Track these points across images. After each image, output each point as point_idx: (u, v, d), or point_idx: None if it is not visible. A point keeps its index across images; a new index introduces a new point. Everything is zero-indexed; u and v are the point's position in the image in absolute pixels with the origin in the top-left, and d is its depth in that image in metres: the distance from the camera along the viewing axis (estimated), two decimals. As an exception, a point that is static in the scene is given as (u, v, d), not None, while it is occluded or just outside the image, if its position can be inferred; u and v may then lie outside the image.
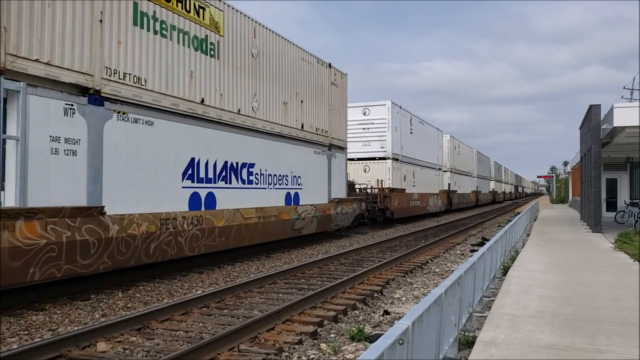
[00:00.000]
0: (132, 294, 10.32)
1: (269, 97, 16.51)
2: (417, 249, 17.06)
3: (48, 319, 8.37)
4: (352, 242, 20.61)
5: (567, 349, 5.49)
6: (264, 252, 16.68)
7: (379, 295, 10.46)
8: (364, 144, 30.15)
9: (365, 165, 30.10)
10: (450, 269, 13.79)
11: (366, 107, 30.39)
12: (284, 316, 8.19)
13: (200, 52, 13.22)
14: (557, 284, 9.27)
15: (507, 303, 7.69)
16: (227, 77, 14.36)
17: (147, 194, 11.32)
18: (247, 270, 13.38)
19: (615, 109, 16.32)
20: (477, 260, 7.33)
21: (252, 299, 9.78)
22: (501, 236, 11.12)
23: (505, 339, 5.84)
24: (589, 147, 21.08)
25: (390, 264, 13.87)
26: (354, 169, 29.78)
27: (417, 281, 12.15)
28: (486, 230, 27.01)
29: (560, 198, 75.47)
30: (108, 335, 7.18)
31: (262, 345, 7.00)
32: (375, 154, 29.98)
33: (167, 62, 12.06)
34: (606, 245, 15.54)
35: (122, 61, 10.78)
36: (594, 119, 19.89)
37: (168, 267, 12.75)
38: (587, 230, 21.20)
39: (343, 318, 8.63)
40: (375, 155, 29.99)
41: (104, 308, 9.19)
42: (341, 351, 6.82)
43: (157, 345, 6.99)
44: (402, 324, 3.55)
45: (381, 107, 30.10)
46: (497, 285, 9.98)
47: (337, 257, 15.20)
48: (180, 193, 12.37)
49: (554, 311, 7.21)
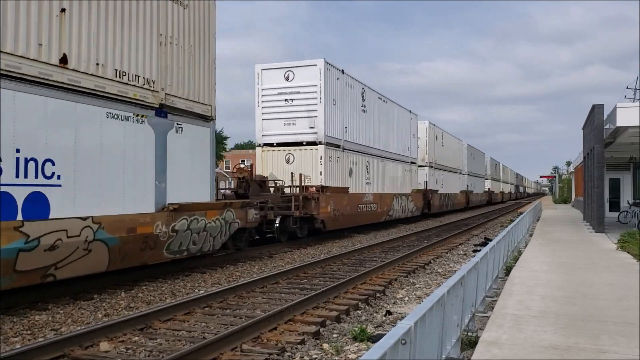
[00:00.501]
0: (135, 294, 10.33)
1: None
2: (420, 249, 17.05)
3: (51, 318, 8.38)
4: (354, 242, 20.60)
5: (570, 349, 5.48)
6: (266, 251, 16.67)
7: (381, 295, 10.45)
8: (287, 122, 21.02)
9: (289, 154, 21.13)
10: (453, 269, 13.77)
11: (289, 69, 21.20)
12: (287, 316, 8.19)
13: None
14: (560, 284, 9.25)
15: (510, 303, 7.68)
16: None
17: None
18: (249, 270, 13.39)
19: (618, 108, 16.28)
20: (480, 261, 7.32)
21: (255, 299, 9.78)
22: (504, 236, 11.10)
23: (508, 339, 5.83)
24: (592, 147, 21.04)
25: (393, 264, 13.86)
26: (273, 159, 21.39)
27: (419, 281, 12.14)
28: (489, 230, 26.97)
29: (563, 198, 75.29)
30: (111, 335, 7.18)
31: (264, 345, 7.00)
32: (302, 136, 20.91)
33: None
34: (609, 246, 15.50)
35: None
36: (597, 119, 19.84)
37: (171, 267, 12.76)
38: (590, 230, 21.15)
39: (345, 318, 8.62)
40: (302, 138, 20.93)
41: (107, 308, 9.20)
42: (343, 351, 6.82)
43: (160, 345, 7.00)
44: (405, 324, 3.55)
45: (310, 70, 20.91)
46: (500, 285, 9.96)
47: (339, 257, 15.19)
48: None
49: (557, 311, 7.19)
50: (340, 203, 21.33)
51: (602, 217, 20.30)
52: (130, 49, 10.99)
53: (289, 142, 21.11)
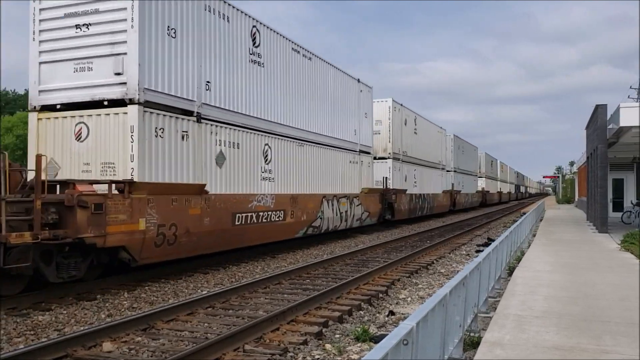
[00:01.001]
0: (138, 294, 10.35)
1: None
2: (423, 249, 17.04)
3: (54, 319, 8.40)
4: (357, 242, 20.58)
5: (573, 350, 5.47)
6: (269, 252, 16.67)
7: (384, 295, 10.45)
8: (79, 66, 12.11)
9: (80, 123, 11.98)
10: (456, 269, 13.76)
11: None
12: (289, 316, 8.20)
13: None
14: (563, 285, 9.23)
15: (512, 303, 7.67)
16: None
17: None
18: (252, 271, 13.40)
19: (621, 108, 16.24)
20: (483, 261, 7.32)
21: (257, 300, 9.79)
22: (507, 236, 11.09)
23: (510, 339, 5.82)
24: (595, 147, 20.99)
25: (396, 264, 13.86)
26: (57, 132, 12.13)
27: (422, 282, 12.13)
28: (492, 230, 26.94)
29: (566, 198, 75.16)
30: (114, 335, 7.20)
31: (267, 345, 7.00)
32: (101, 91, 11.79)
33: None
34: (612, 246, 15.46)
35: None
36: (600, 118, 19.80)
37: (174, 267, 12.78)
38: (593, 230, 21.10)
39: (348, 318, 8.63)
40: (102, 94, 11.76)
41: (110, 308, 9.22)
42: (346, 351, 6.82)
43: (163, 345, 7.02)
44: (407, 325, 3.55)
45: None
46: (502, 285, 9.95)
47: (342, 258, 15.19)
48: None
49: (560, 312, 7.18)
50: (179, 213, 11.97)
51: (605, 217, 20.25)
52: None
53: (80, 103, 11.91)
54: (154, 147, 11.70)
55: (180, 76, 12.67)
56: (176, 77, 12.55)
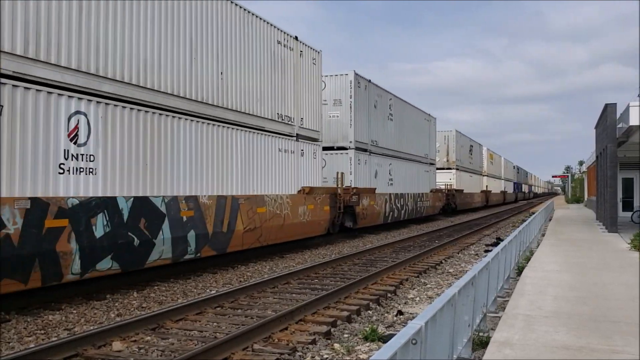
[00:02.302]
0: (147, 294, 10.40)
1: None
2: (431, 249, 17.00)
3: (64, 318, 8.47)
4: (365, 242, 20.57)
5: (582, 350, 5.44)
6: (278, 252, 16.70)
7: (392, 295, 10.44)
8: None
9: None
10: (464, 269, 13.73)
11: None
12: (298, 316, 8.21)
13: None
14: (572, 284, 9.19)
15: (521, 303, 7.64)
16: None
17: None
18: (260, 271, 13.43)
19: (631, 107, 16.12)
20: (491, 261, 7.30)
21: (266, 299, 9.81)
22: (515, 236, 11.05)
23: (519, 339, 5.80)
24: (604, 147, 20.85)
25: (404, 264, 13.84)
26: None
27: (430, 281, 12.11)
28: (501, 230, 26.84)
29: (575, 198, 74.71)
30: (123, 334, 7.25)
31: (275, 345, 7.02)
32: None
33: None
34: (622, 246, 15.36)
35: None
36: (609, 117, 19.67)
37: (183, 267, 12.83)
38: (603, 230, 20.96)
39: (356, 318, 8.63)
40: None
41: (119, 308, 9.27)
42: (354, 351, 6.82)
43: (172, 344, 7.05)
44: (415, 324, 3.55)
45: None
46: (511, 285, 9.91)
47: (350, 258, 15.19)
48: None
49: (570, 311, 7.14)
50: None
51: (615, 216, 20.12)
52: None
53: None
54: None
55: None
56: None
